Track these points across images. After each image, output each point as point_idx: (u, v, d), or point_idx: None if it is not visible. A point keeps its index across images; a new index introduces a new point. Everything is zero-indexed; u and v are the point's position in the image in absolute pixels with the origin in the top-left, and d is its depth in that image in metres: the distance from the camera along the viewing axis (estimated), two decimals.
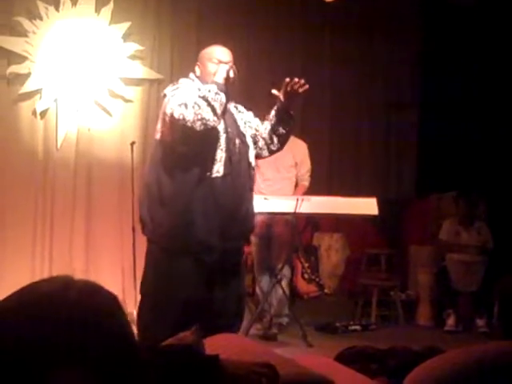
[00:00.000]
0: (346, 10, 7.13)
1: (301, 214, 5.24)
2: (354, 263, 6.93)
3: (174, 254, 3.43)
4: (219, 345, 2.03)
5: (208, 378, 1.54)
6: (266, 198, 5.14)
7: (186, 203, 3.37)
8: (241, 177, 3.47)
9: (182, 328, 1.76)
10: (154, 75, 6.32)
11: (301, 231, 5.81)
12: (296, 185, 5.79)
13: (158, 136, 3.50)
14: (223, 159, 3.39)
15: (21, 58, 5.93)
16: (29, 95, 5.98)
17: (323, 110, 7.33)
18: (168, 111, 3.33)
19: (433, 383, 1.92)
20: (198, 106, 3.25)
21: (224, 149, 3.40)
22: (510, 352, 1.94)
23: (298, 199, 5.16)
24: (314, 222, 6.50)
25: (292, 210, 5.11)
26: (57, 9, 6.03)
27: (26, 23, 5.91)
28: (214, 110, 3.26)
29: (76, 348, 0.74)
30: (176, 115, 3.27)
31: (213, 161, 3.37)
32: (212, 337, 2.06)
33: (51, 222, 6.04)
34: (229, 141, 3.43)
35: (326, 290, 6.22)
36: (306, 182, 5.80)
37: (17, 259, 5.89)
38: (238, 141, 3.49)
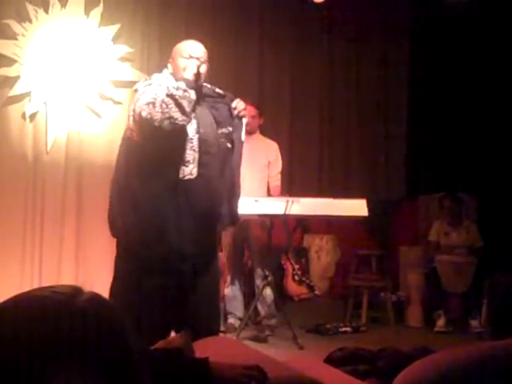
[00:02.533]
0: (335, 10, 7.16)
1: (291, 215, 5.25)
2: (344, 265, 6.94)
3: (146, 261, 3.26)
4: (209, 348, 2.03)
5: (198, 381, 1.55)
6: (256, 200, 5.15)
7: (158, 208, 3.23)
8: (216, 177, 3.34)
9: (156, 332, 1.75)
10: (143, 77, 6.30)
11: (291, 233, 5.82)
12: (268, 185, 5.79)
13: (128, 133, 3.35)
14: (196, 160, 3.27)
15: (10, 61, 5.91)
16: (18, 98, 5.96)
17: (312, 112, 7.35)
18: (137, 109, 3.21)
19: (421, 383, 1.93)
20: (166, 104, 3.15)
21: (196, 149, 3.28)
22: (500, 352, 1.95)
23: (288, 201, 5.16)
24: (303, 224, 6.51)
25: (281, 212, 5.12)
26: (46, 11, 6.01)
27: (15, 26, 5.90)
28: (182, 108, 3.16)
29: (76, 354, 0.74)
30: (144, 114, 3.16)
31: (184, 162, 3.25)
32: (202, 340, 2.06)
33: (41, 225, 6.02)
34: (202, 141, 3.30)
35: (316, 292, 6.23)
36: (278, 183, 5.83)
37: (6, 262, 5.86)
38: (212, 141, 3.37)
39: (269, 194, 5.72)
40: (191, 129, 3.29)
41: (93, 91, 6.13)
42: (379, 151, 7.64)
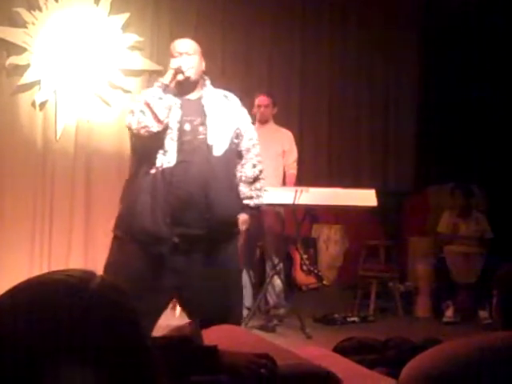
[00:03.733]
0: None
1: (300, 205, 5.25)
2: (352, 255, 6.94)
3: (123, 242, 3.44)
4: (218, 336, 2.04)
5: (207, 369, 1.55)
6: (265, 190, 5.14)
7: (136, 195, 3.37)
8: (198, 165, 3.36)
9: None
10: (153, 66, 6.31)
11: (299, 223, 5.82)
12: (284, 175, 5.81)
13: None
14: (174, 149, 3.34)
15: (20, 49, 5.91)
16: (28, 86, 5.97)
17: (322, 103, 7.34)
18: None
19: (430, 374, 1.93)
20: (143, 112, 3.30)
21: (175, 138, 3.35)
22: (510, 342, 1.95)
23: (296, 190, 5.16)
24: (312, 214, 6.51)
25: (291, 202, 5.11)
26: (56, 0, 6.01)
27: (25, 14, 5.90)
28: (156, 116, 3.29)
29: (91, 337, 0.74)
30: (126, 122, 3.38)
31: (163, 152, 3.34)
32: (210, 328, 2.06)
33: (50, 213, 6.04)
34: (182, 131, 3.38)
35: (324, 282, 6.23)
36: (293, 171, 5.83)
37: (16, 249, 5.89)
38: (196, 128, 3.41)
39: (284, 183, 5.73)
40: (173, 119, 3.37)
41: (102, 80, 6.14)
42: (389, 142, 7.62)
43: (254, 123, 5.85)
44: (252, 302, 5.66)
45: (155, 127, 3.29)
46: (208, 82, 3.60)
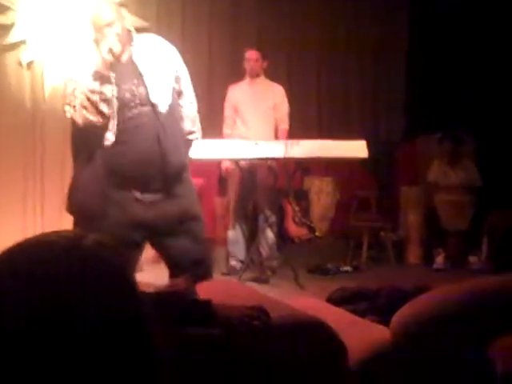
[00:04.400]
0: None
1: (291, 158, 5.27)
2: (344, 206, 6.98)
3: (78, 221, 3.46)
4: (211, 290, 2.07)
5: (201, 323, 1.58)
6: (256, 143, 5.16)
7: (80, 174, 3.40)
8: (147, 128, 3.32)
9: None
10: (139, 23, 6.22)
11: (291, 176, 5.84)
12: (276, 129, 5.82)
13: None
14: (114, 126, 3.29)
15: (4, 8, 5.81)
16: (14, 46, 5.88)
17: (310, 54, 7.29)
18: (63, 106, 3.40)
19: (421, 319, 1.97)
20: (85, 108, 3.25)
21: (114, 116, 3.28)
22: (499, 287, 1.99)
23: (287, 144, 5.16)
24: (303, 167, 6.53)
25: (282, 155, 5.12)
26: None
27: None
28: (99, 112, 3.23)
29: (89, 295, 0.76)
30: (68, 116, 3.33)
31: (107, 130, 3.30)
32: (204, 283, 2.10)
33: (41, 174, 6.02)
34: (123, 101, 3.30)
35: (316, 233, 6.29)
36: (285, 125, 5.84)
37: (8, 210, 5.89)
38: (135, 92, 3.32)
39: (276, 137, 5.74)
40: (109, 95, 3.29)
41: (89, 37, 6.04)
42: (379, 92, 7.60)
43: (244, 77, 5.87)
44: (245, 254, 5.72)
45: (100, 122, 3.25)
46: (133, 35, 3.46)
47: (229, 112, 5.83)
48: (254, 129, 5.69)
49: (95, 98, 3.23)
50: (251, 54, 5.78)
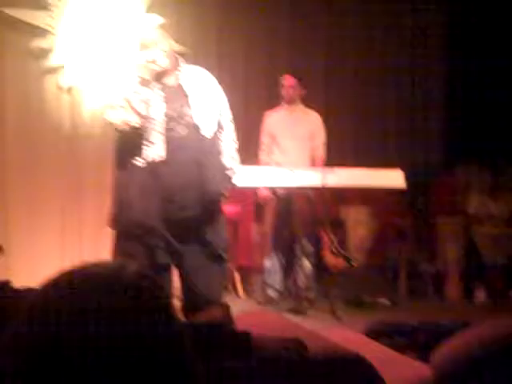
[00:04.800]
0: None
1: (327, 187, 5.23)
2: (381, 236, 6.89)
3: (121, 236, 3.55)
4: (247, 320, 2.04)
5: (239, 354, 1.55)
6: (292, 171, 5.13)
7: (125, 188, 3.46)
8: (189, 151, 3.44)
9: None
10: (177, 47, 6.27)
11: (327, 204, 5.80)
12: (312, 157, 5.79)
13: None
14: (161, 141, 3.40)
15: (44, 32, 5.92)
16: (54, 70, 5.97)
17: (347, 79, 7.27)
18: (104, 109, 3.65)
19: (462, 357, 1.91)
20: (123, 107, 3.39)
21: (163, 130, 3.41)
22: None
23: (323, 172, 5.13)
24: (340, 196, 6.48)
25: (318, 183, 5.09)
26: None
27: None
28: (135, 111, 3.37)
29: (130, 325, 0.76)
30: (107, 118, 3.50)
31: (150, 144, 3.41)
32: (241, 313, 2.06)
33: (79, 197, 6.07)
34: (167, 121, 3.43)
35: (353, 264, 6.21)
36: (322, 153, 5.82)
37: (45, 237, 5.94)
38: (182, 114, 3.48)
39: (312, 165, 5.71)
40: (158, 111, 3.43)
41: (126, 61, 6.12)
42: (417, 120, 7.54)
43: (281, 104, 5.87)
44: (282, 284, 5.66)
45: (136, 121, 3.37)
46: (181, 61, 3.65)
47: (265, 139, 5.81)
48: (291, 156, 5.66)
49: (132, 97, 3.39)
50: (288, 80, 5.75)
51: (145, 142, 3.39)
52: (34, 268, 5.65)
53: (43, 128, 5.97)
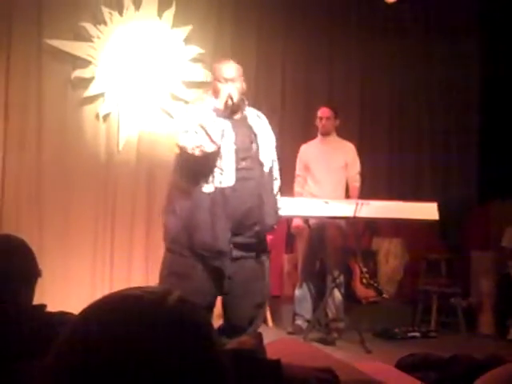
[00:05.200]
0: (404, 12, 7.07)
1: (360, 218, 5.22)
2: (413, 269, 6.83)
3: (180, 255, 3.67)
4: (280, 349, 2.03)
5: (270, 383, 1.54)
6: (326, 202, 5.13)
7: (193, 212, 3.59)
8: (254, 182, 3.66)
9: None
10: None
11: (360, 236, 5.78)
12: (347, 187, 5.79)
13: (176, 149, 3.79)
14: (232, 169, 3.58)
15: (85, 63, 6.04)
16: (92, 99, 6.09)
17: (382, 113, 7.27)
18: (177, 135, 3.66)
19: None
20: (197, 133, 3.51)
21: (233, 159, 3.59)
22: None
23: (357, 203, 5.13)
24: (373, 227, 6.45)
25: (351, 214, 5.08)
26: (120, 14, 6.14)
27: (90, 28, 6.03)
28: (211, 138, 3.51)
29: (174, 353, 0.76)
30: (180, 142, 3.59)
31: (220, 171, 3.57)
32: (272, 341, 2.06)
33: (112, 224, 6.13)
34: (238, 151, 3.62)
35: (384, 295, 6.15)
36: (356, 183, 5.81)
37: (78, 259, 6.00)
38: (250, 147, 3.69)
39: (347, 196, 5.71)
40: (229, 140, 3.61)
41: (165, 92, 6.22)
42: (451, 153, 7.49)
43: (316, 135, 5.89)
44: (312, 314, 5.63)
45: (210, 147, 3.52)
46: (246, 102, 3.85)
47: (300, 170, 5.84)
48: (325, 187, 5.67)
49: (207, 123, 3.53)
50: (323, 112, 5.80)
51: (216, 169, 3.56)
52: (66, 292, 5.71)
53: (79, 155, 6.07)
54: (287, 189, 5.73)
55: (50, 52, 5.99)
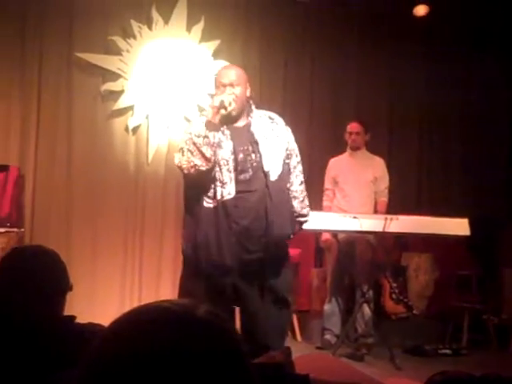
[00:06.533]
0: (434, 25, 7.03)
1: (389, 233, 5.16)
2: (443, 284, 6.73)
3: (192, 273, 3.53)
4: (308, 364, 2.00)
5: None
6: (355, 217, 5.09)
7: (197, 228, 3.46)
8: (257, 192, 3.47)
9: None
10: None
11: (389, 250, 5.72)
12: (375, 201, 5.74)
13: None
14: (233, 180, 3.42)
15: (115, 76, 6.09)
16: (122, 111, 6.13)
17: (412, 127, 7.22)
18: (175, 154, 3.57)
19: None
20: (191, 152, 3.38)
21: (232, 169, 3.43)
22: None
23: (386, 218, 5.07)
24: (402, 242, 6.38)
25: (381, 229, 5.03)
26: (150, 28, 6.18)
27: (120, 42, 6.09)
28: (203, 155, 3.37)
29: (201, 364, 0.75)
30: (176, 162, 3.47)
31: (221, 184, 3.42)
32: (301, 356, 2.03)
33: (141, 235, 6.15)
34: (237, 160, 3.45)
35: (414, 311, 6.08)
36: (385, 198, 5.76)
37: (107, 269, 6.03)
38: (249, 157, 3.49)
39: (375, 210, 5.66)
40: (227, 150, 3.45)
41: (192, 105, 6.24)
42: (483, 169, 7.40)
43: (345, 150, 5.86)
44: (341, 329, 5.58)
45: (204, 166, 3.38)
46: (253, 107, 3.64)
47: (329, 184, 5.81)
48: (354, 201, 5.63)
49: (200, 141, 3.38)
50: (353, 127, 5.77)
51: (217, 182, 3.42)
52: (94, 305, 5.73)
53: (109, 168, 6.11)
54: (316, 203, 5.70)
55: (81, 65, 6.05)
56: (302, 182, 3.68)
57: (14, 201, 5.76)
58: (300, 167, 3.70)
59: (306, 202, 3.71)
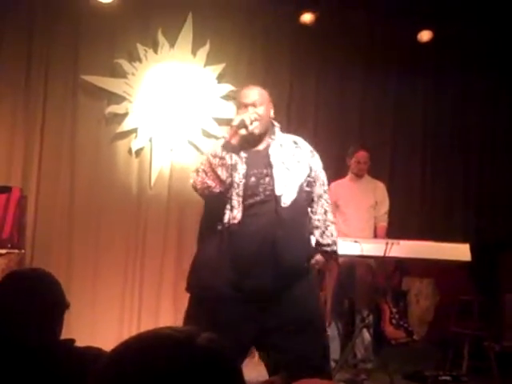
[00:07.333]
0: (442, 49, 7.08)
1: (390, 258, 5.17)
2: (444, 310, 6.71)
3: (198, 297, 3.41)
4: None
5: None
6: (356, 241, 5.10)
7: (203, 253, 3.39)
8: (266, 218, 3.28)
9: None
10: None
11: (389, 275, 5.71)
12: (375, 226, 5.75)
13: None
14: (240, 204, 3.27)
15: (120, 99, 6.14)
16: (125, 134, 6.17)
17: (414, 151, 7.23)
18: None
19: None
20: (205, 173, 3.28)
21: (241, 193, 3.28)
22: None
23: (387, 243, 5.08)
24: (403, 267, 6.38)
25: (381, 254, 5.04)
26: (155, 51, 6.24)
27: (126, 65, 6.14)
28: (218, 177, 3.25)
29: None
30: (191, 182, 3.37)
31: (230, 208, 3.28)
32: (299, 381, 2.02)
33: (142, 259, 6.15)
34: (248, 184, 3.30)
35: (414, 337, 6.05)
36: (384, 223, 5.78)
37: (107, 293, 6.02)
38: (262, 180, 3.33)
39: (375, 235, 5.67)
40: (239, 174, 3.29)
41: (197, 128, 6.28)
42: (484, 195, 7.41)
43: (347, 174, 5.88)
44: (340, 354, 5.56)
45: (217, 188, 3.26)
46: (277, 129, 3.49)
47: None
48: (354, 226, 5.65)
49: (215, 161, 3.27)
50: (362, 157, 5.76)
51: (227, 207, 3.28)
52: (93, 326, 5.72)
53: (111, 190, 6.13)
54: None
55: (86, 88, 6.10)
56: (326, 212, 3.50)
57: (16, 222, 5.77)
58: (326, 196, 3.54)
59: (330, 231, 3.51)
